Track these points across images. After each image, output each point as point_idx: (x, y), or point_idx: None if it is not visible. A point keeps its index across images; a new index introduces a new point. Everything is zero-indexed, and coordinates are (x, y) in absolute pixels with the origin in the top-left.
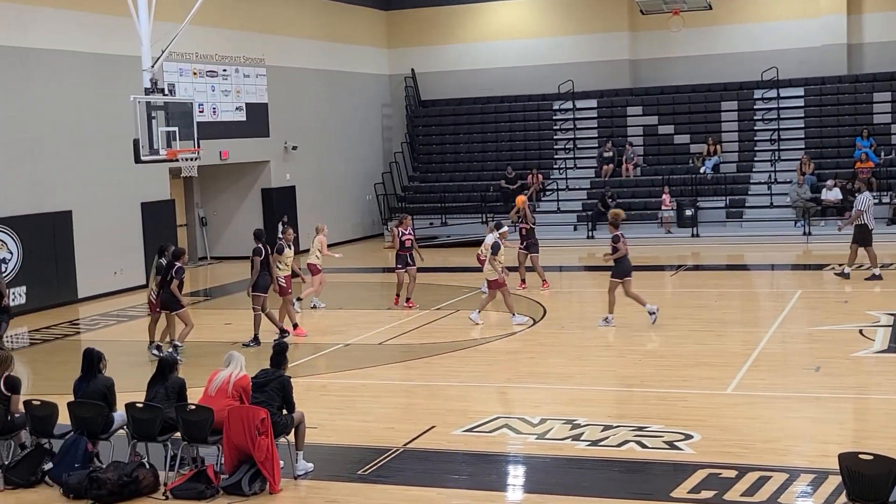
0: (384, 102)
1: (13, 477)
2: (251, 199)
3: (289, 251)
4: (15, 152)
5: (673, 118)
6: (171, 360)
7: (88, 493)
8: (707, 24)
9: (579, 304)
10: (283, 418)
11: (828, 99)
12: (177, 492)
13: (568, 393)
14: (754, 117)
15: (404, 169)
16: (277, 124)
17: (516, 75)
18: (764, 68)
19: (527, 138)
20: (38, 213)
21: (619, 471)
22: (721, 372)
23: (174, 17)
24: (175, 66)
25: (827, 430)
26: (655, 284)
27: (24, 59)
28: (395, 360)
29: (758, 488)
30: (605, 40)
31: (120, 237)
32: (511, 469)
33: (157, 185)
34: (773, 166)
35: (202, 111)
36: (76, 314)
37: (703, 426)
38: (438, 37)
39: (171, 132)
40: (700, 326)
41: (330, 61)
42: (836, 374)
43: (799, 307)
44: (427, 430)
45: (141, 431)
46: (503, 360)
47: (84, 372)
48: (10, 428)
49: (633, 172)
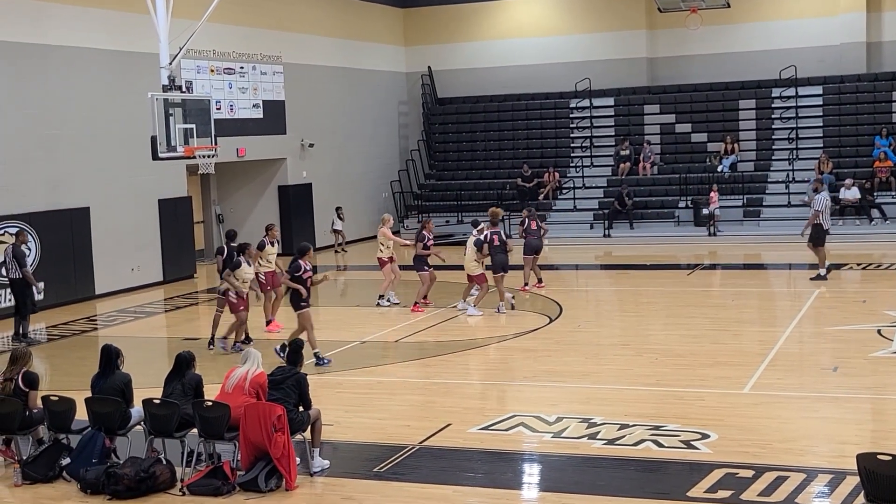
0: (401, 100)
1: (31, 472)
2: (268, 196)
3: (271, 248)
4: (33, 149)
5: (690, 117)
6: (188, 357)
7: (105, 488)
8: (725, 22)
9: (595, 302)
10: (299, 415)
11: (846, 98)
12: (193, 488)
13: (584, 391)
14: (772, 116)
15: (420, 167)
16: (294, 122)
17: (533, 73)
18: (782, 67)
19: (543, 136)
20: (56, 209)
21: (635, 470)
22: (738, 371)
23: (192, 15)
24: (192, 64)
25: (844, 431)
26: (672, 283)
27: (42, 56)
28: (411, 358)
29: (775, 488)
30: (623, 38)
31: (137, 234)
32: (527, 467)
33: (175, 182)
34: (790, 165)
35: (219, 108)
36: (94, 310)
37: (720, 426)
38: (455, 34)
39: (189, 129)
40: (717, 326)
41: (347, 59)
42: (854, 374)
43: (816, 307)
44: (443, 428)
45: (158, 427)
46: (519, 358)
47: (102, 368)
48: (28, 423)
49: (651, 171)
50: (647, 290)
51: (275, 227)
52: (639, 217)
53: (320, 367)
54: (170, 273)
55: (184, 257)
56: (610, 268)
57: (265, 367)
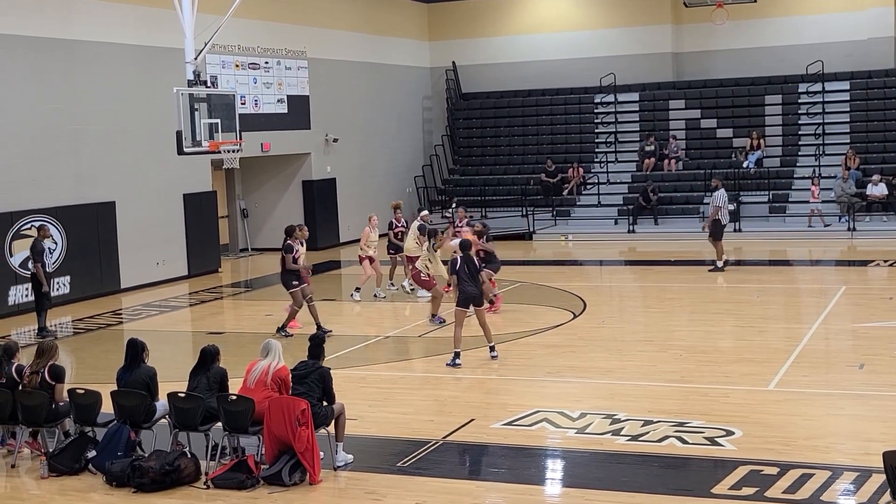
0: (425, 95)
1: (57, 464)
2: (292, 191)
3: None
4: (59, 144)
5: (716, 112)
6: (213, 351)
7: (131, 481)
8: (751, 16)
9: (619, 298)
10: (323, 409)
11: (874, 93)
12: (218, 481)
13: (608, 387)
14: (798, 111)
15: (444, 162)
16: (318, 116)
17: (557, 68)
18: (809, 62)
19: (568, 131)
20: (82, 203)
21: (658, 466)
22: (763, 368)
23: (217, 10)
24: (218, 59)
25: (870, 428)
26: (696, 279)
27: (68, 51)
28: (435, 353)
29: (800, 486)
30: (648, 33)
31: (162, 228)
32: (550, 463)
33: (200, 176)
34: (817, 161)
35: (244, 103)
36: (119, 304)
37: (745, 422)
38: (480, 29)
39: (214, 124)
40: (742, 322)
41: (371, 54)
42: (880, 371)
43: (843, 303)
44: (466, 423)
45: (183, 421)
46: (543, 353)
47: (128, 361)
48: (54, 416)
49: (675, 167)
50: (671, 286)
51: (304, 227)
52: (663, 213)
53: (284, 337)
54: (195, 267)
55: (209, 252)
56: (634, 263)
57: (288, 361)
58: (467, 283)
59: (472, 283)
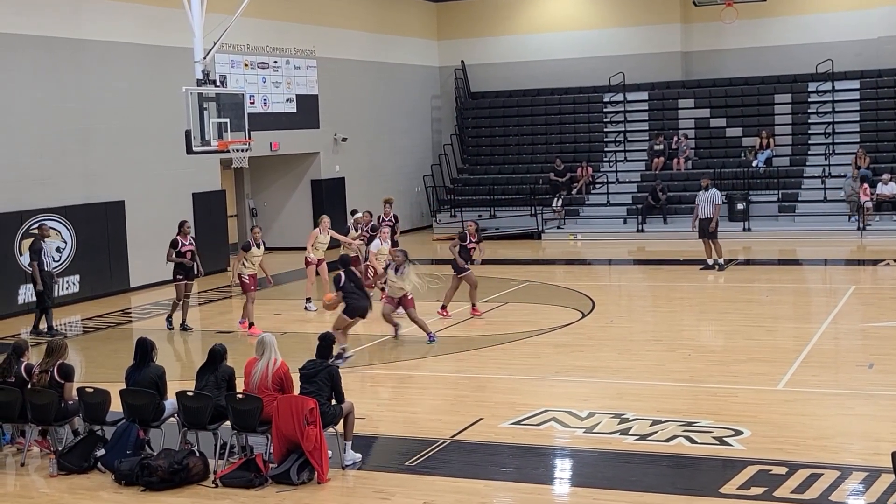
0: (434, 94)
1: (66, 463)
2: (301, 190)
3: (256, 249)
4: (69, 143)
5: (725, 111)
6: (221, 350)
7: (139, 479)
8: (761, 15)
9: (628, 297)
10: (331, 408)
11: (884, 92)
12: (226, 480)
13: (616, 387)
14: (808, 110)
15: (453, 161)
16: (327, 116)
17: (566, 67)
18: (819, 60)
19: (577, 131)
20: (91, 202)
21: (667, 466)
22: (772, 368)
23: (226, 9)
24: (226, 58)
25: (880, 428)
26: (705, 279)
27: (77, 51)
28: (443, 353)
29: (808, 486)
30: (657, 32)
31: (172, 227)
32: (558, 462)
33: (209, 175)
34: (826, 160)
35: (253, 102)
36: (128, 303)
37: (754, 422)
38: (488, 28)
39: (223, 123)
40: (751, 322)
41: (380, 53)
42: (890, 370)
43: (852, 303)
44: (475, 423)
45: (191, 419)
46: (551, 353)
47: (137, 360)
48: (63, 415)
49: (685, 166)
50: (680, 286)
51: (258, 227)
52: (672, 212)
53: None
54: (204, 266)
55: (218, 251)
56: (643, 263)
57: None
58: (355, 296)
59: (360, 294)
